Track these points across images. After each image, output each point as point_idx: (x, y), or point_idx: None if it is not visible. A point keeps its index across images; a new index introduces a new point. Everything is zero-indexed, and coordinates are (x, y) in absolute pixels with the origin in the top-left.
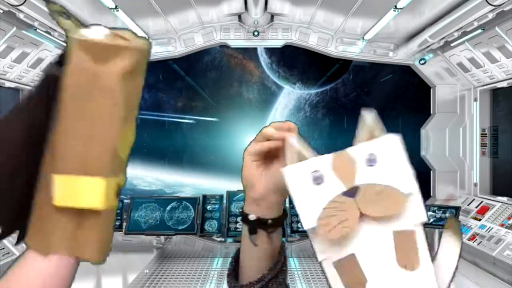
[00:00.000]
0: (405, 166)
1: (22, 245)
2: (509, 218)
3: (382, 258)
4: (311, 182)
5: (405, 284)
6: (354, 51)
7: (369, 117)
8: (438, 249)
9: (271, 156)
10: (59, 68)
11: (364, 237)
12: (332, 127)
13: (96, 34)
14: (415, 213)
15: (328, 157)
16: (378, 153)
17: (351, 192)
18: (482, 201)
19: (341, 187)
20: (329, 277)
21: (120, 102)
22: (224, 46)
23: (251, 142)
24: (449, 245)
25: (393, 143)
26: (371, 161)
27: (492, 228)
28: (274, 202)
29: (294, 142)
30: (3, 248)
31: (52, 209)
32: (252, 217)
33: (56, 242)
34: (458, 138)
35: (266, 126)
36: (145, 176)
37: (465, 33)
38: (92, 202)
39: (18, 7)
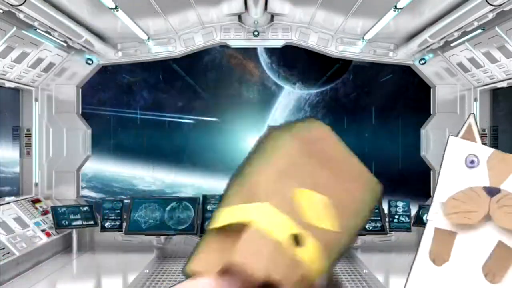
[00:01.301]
0: None
1: (23, 245)
2: None
3: (474, 255)
4: (464, 162)
5: None
6: (354, 51)
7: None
8: None
9: None
10: None
11: (474, 228)
12: (332, 127)
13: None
14: None
15: (490, 150)
16: None
17: (493, 191)
18: None
19: (486, 181)
20: (424, 238)
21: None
22: (224, 46)
23: None
24: None
25: None
26: None
27: None
28: None
29: (473, 121)
30: (3, 248)
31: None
32: None
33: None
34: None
35: None
36: (145, 176)
37: (465, 33)
38: (243, 217)
39: (18, 7)
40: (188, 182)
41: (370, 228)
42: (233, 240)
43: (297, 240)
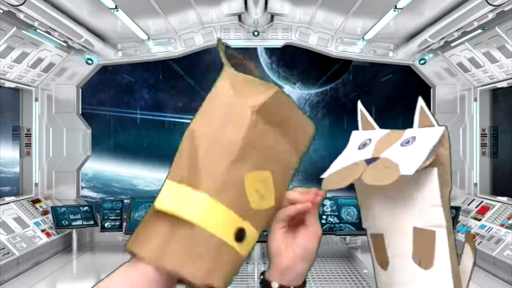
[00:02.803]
0: (422, 154)
1: (23, 245)
2: (509, 218)
3: (402, 249)
4: (356, 147)
5: (419, 279)
6: (354, 51)
7: (421, 102)
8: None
9: (296, 223)
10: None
11: (390, 222)
12: (332, 127)
13: (243, 75)
14: (434, 216)
15: (386, 132)
16: (418, 138)
17: (371, 160)
18: (482, 201)
19: (369, 155)
20: (370, 246)
21: (240, 134)
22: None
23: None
24: (467, 256)
25: (435, 133)
26: (407, 142)
27: (492, 228)
28: (300, 271)
29: (363, 109)
30: (3, 248)
31: (152, 213)
32: (274, 285)
33: (148, 247)
34: (458, 138)
35: (289, 191)
36: (145, 176)
37: (465, 33)
38: (188, 213)
39: (18, 7)
40: None
41: None
42: (175, 227)
43: (238, 234)
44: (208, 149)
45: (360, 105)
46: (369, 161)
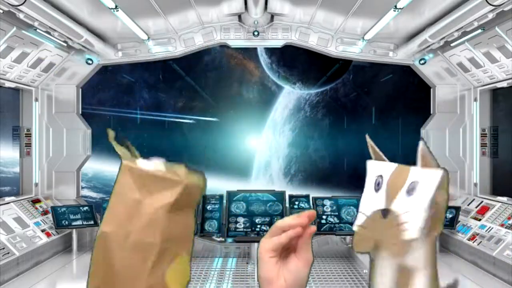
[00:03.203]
0: (421, 212)
1: (23, 245)
2: (509, 218)
3: (386, 282)
4: (373, 186)
5: None
6: (354, 51)
7: (422, 145)
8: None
9: (287, 249)
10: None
11: (381, 255)
12: (332, 127)
13: (148, 165)
14: (416, 257)
15: (393, 167)
16: (420, 183)
17: (384, 213)
18: (482, 201)
19: (383, 203)
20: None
21: (157, 237)
22: (224, 46)
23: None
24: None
25: (433, 179)
26: (411, 190)
27: (492, 228)
28: None
29: (370, 140)
30: (3, 248)
31: None
32: None
33: None
34: (458, 138)
35: (279, 220)
36: None
37: (465, 33)
38: None
39: (18, 7)
40: None
41: None
42: None
43: None
44: (124, 257)
45: (368, 138)
46: (384, 213)
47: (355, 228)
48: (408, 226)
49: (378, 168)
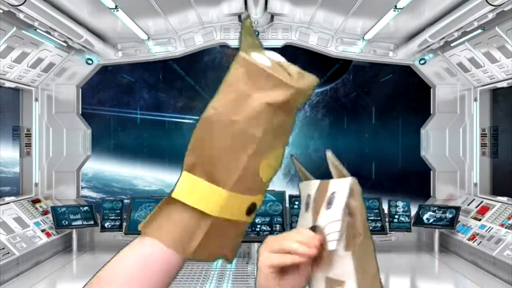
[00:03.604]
0: (336, 223)
1: (23, 245)
2: (509, 218)
3: None
4: (304, 206)
5: None
6: (354, 51)
7: (330, 156)
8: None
9: (288, 266)
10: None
11: (316, 270)
12: (332, 127)
13: (264, 60)
14: (343, 267)
15: (316, 185)
16: (336, 195)
17: (314, 229)
18: (482, 201)
19: (310, 222)
20: None
21: (260, 130)
22: (224, 46)
23: (263, 247)
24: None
25: (343, 189)
26: (329, 203)
27: (492, 228)
28: None
29: (296, 161)
30: (3, 248)
31: (169, 200)
32: None
33: (164, 229)
34: (458, 138)
35: (289, 235)
36: (145, 176)
37: (465, 33)
38: (203, 206)
39: (18, 7)
40: None
41: (370, 228)
42: (194, 218)
43: (250, 208)
44: (226, 141)
45: (294, 159)
46: (312, 230)
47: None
48: (329, 238)
49: (306, 188)
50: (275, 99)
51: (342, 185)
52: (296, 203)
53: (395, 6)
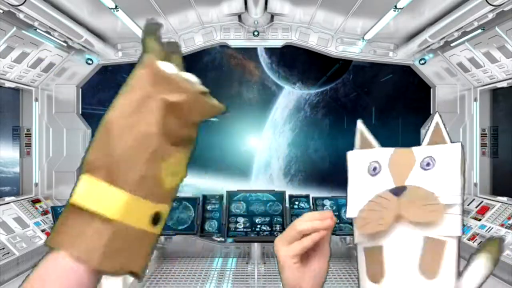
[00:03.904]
0: (456, 178)
1: (23, 245)
2: (509, 218)
3: (406, 259)
4: (367, 172)
5: None
6: (354, 51)
7: (438, 119)
8: (467, 265)
9: (308, 251)
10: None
11: (397, 234)
12: (332, 127)
13: (168, 67)
14: (451, 225)
15: (389, 151)
16: (438, 158)
17: (398, 190)
18: (482, 201)
19: (391, 183)
20: (358, 261)
21: (155, 129)
22: (224, 46)
23: (279, 236)
24: (479, 266)
25: (454, 152)
26: (428, 165)
27: (492, 228)
28: None
29: (363, 127)
30: (3, 248)
31: (69, 207)
32: None
33: (65, 239)
34: (458, 138)
35: (298, 220)
36: None
37: (465, 33)
38: (103, 209)
39: (18, 7)
40: (188, 182)
41: None
42: (93, 223)
43: (155, 218)
44: (126, 140)
45: (360, 124)
46: (395, 192)
47: (353, 214)
48: (444, 193)
49: (366, 155)
50: (171, 99)
51: (449, 149)
52: (296, 203)
53: (395, 6)
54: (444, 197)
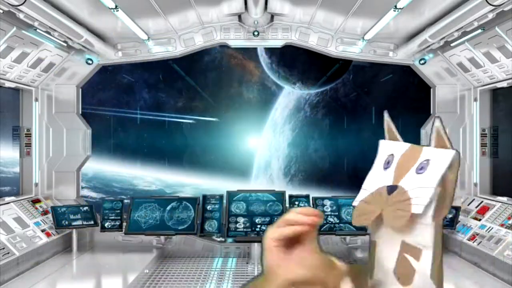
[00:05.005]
0: (430, 188)
1: (23, 245)
2: (509, 218)
3: (387, 260)
4: (382, 163)
5: None
6: (354, 51)
7: (438, 124)
8: None
9: (293, 241)
10: None
11: (384, 232)
12: (332, 127)
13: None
14: (422, 235)
15: (406, 147)
16: (432, 163)
17: (392, 189)
18: (482, 201)
19: (391, 180)
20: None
21: None
22: (224, 46)
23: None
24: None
25: (444, 159)
26: (421, 169)
27: (492, 228)
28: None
29: (388, 118)
30: (3, 248)
31: None
32: None
33: None
34: (458, 138)
35: (289, 213)
36: (145, 176)
37: (465, 33)
38: None
39: (18, 7)
40: (188, 182)
41: None
42: None
43: None
44: None
45: (386, 115)
46: (390, 190)
47: (355, 203)
48: (415, 201)
49: (390, 147)
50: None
51: (442, 155)
52: (296, 203)
53: (395, 6)
54: (415, 206)
